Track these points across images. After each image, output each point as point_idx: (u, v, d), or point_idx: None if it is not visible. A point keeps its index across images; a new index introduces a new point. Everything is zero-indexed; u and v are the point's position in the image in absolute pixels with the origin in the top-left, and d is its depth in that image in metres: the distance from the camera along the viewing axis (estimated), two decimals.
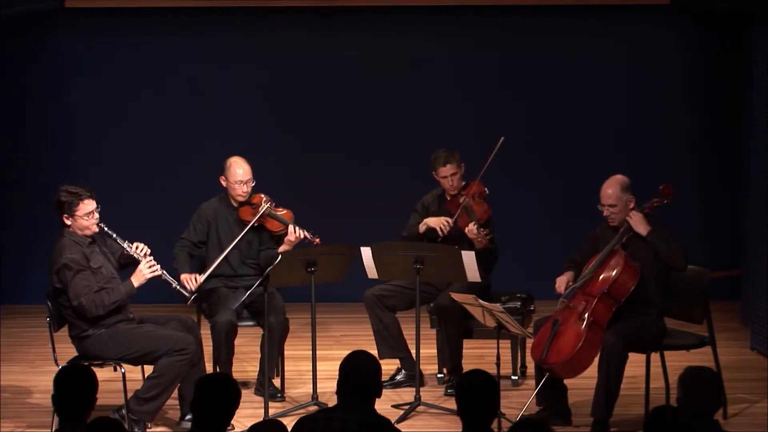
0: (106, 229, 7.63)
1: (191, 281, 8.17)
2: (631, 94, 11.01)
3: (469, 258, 7.98)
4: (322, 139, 10.95)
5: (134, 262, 7.73)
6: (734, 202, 10.53)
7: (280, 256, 7.83)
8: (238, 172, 8.39)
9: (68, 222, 7.56)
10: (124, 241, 7.69)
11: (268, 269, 7.77)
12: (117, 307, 7.56)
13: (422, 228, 8.53)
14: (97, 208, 7.59)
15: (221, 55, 10.95)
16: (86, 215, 7.54)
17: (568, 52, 10.99)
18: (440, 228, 8.46)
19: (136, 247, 7.69)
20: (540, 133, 11.02)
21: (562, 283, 7.81)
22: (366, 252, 8.10)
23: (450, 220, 8.45)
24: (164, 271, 7.71)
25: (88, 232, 7.58)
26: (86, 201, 7.55)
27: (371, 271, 8.16)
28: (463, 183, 8.58)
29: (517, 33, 10.99)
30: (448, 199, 8.59)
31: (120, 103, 10.97)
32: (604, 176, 7.83)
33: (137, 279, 7.61)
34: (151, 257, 7.68)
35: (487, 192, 8.56)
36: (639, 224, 7.65)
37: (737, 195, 10.35)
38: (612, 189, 7.71)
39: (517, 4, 10.90)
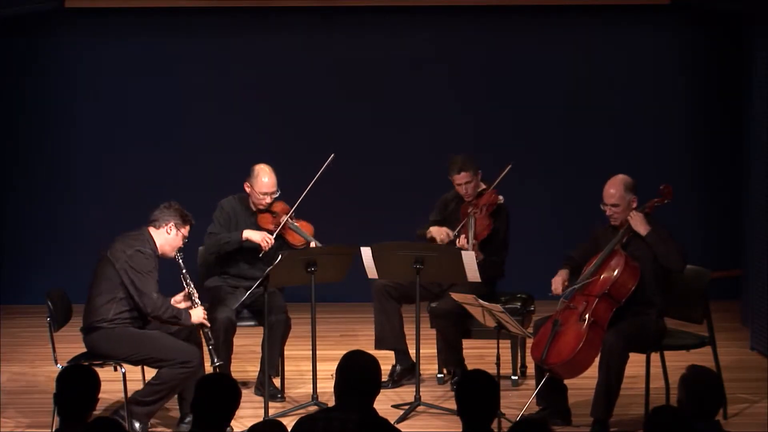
0: (181, 262, 7.72)
1: (270, 241, 8.23)
2: (631, 94, 11.02)
3: (469, 258, 7.98)
4: (321, 139, 10.93)
5: None
6: (734, 202, 10.53)
7: (280, 256, 7.83)
8: (264, 181, 8.34)
9: (169, 232, 7.65)
10: (191, 283, 7.75)
11: (268, 269, 7.77)
12: (139, 317, 7.61)
13: (428, 235, 8.55)
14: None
15: (221, 55, 10.96)
16: (184, 237, 7.71)
17: (568, 52, 10.99)
18: (440, 240, 8.48)
19: (195, 293, 7.76)
20: (540, 134, 11.02)
21: (558, 283, 7.80)
22: (366, 252, 8.10)
23: (450, 233, 8.45)
24: (209, 327, 7.77)
25: (169, 252, 7.68)
26: (190, 227, 7.74)
27: (371, 271, 8.16)
28: (482, 187, 8.54)
29: (517, 33, 11.00)
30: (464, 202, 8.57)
31: (120, 103, 10.97)
32: (604, 176, 7.83)
33: (195, 316, 7.67)
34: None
35: (501, 200, 8.51)
36: (639, 224, 7.65)
37: (737, 195, 10.35)
38: (615, 188, 7.70)
39: (517, 4, 10.90)
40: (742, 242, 10.10)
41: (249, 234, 8.30)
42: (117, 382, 7.65)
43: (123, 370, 7.54)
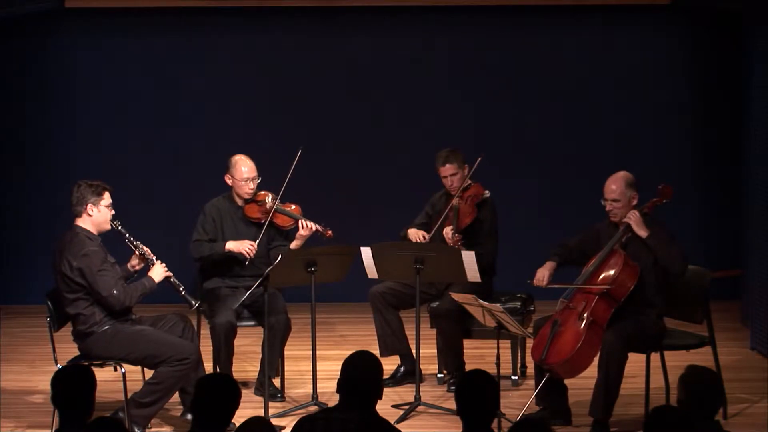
0: (120, 228, 7.67)
1: (251, 249, 8.25)
2: (631, 94, 11.02)
3: (469, 258, 7.98)
4: (321, 139, 10.95)
5: (130, 276, 7.80)
6: (734, 203, 10.52)
7: (280, 256, 7.82)
8: (244, 169, 8.40)
9: (91, 213, 7.56)
10: (139, 243, 7.73)
11: (268, 269, 7.77)
12: (125, 308, 7.60)
13: (403, 235, 8.61)
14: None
15: (221, 55, 10.96)
16: (109, 206, 7.61)
17: (568, 52, 10.99)
18: (416, 240, 8.53)
19: (147, 250, 7.73)
20: (540, 134, 11.02)
21: (543, 276, 7.77)
22: (366, 252, 8.10)
23: (426, 236, 8.50)
24: (173, 275, 7.77)
25: (105, 227, 7.62)
26: (108, 193, 7.62)
27: (371, 271, 8.16)
28: (468, 183, 8.56)
29: (517, 33, 11.00)
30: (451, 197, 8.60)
31: (120, 102, 10.97)
32: (604, 176, 7.82)
33: (157, 275, 7.67)
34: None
35: (487, 195, 8.53)
36: (638, 226, 7.63)
37: (737, 195, 10.35)
38: (616, 184, 7.71)
39: (517, 4, 10.91)
40: (742, 242, 10.10)
41: (231, 246, 8.33)
42: (117, 382, 7.65)
43: (123, 370, 7.54)
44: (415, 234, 8.58)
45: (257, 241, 8.33)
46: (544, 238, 10.64)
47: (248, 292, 8.01)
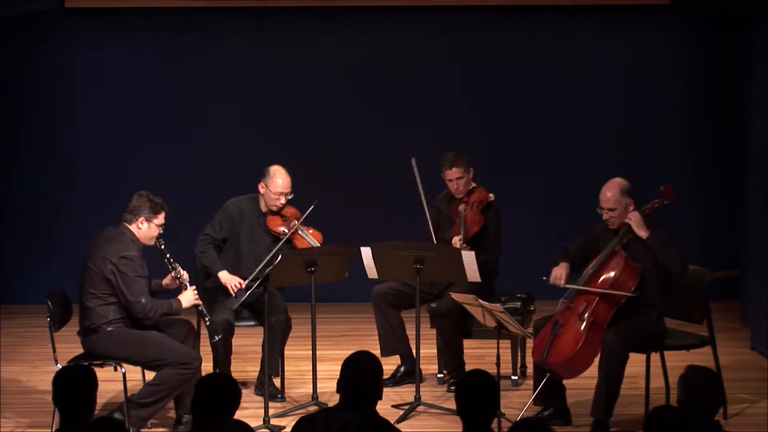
0: (162, 247, 7.69)
1: (237, 286, 8.21)
2: (631, 94, 11.02)
3: (469, 258, 7.98)
4: (321, 139, 10.95)
5: (159, 293, 7.82)
6: (734, 202, 10.52)
7: (280, 256, 7.82)
8: (279, 182, 8.31)
9: (141, 226, 7.63)
10: (177, 266, 7.74)
11: (268, 269, 7.76)
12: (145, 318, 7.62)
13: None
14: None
15: (221, 55, 10.95)
16: (160, 226, 7.69)
17: (568, 52, 10.99)
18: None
19: (184, 274, 7.75)
20: (540, 134, 11.02)
21: (560, 275, 7.76)
22: (366, 252, 8.10)
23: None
24: (203, 304, 7.79)
25: (148, 243, 7.67)
26: (164, 214, 7.70)
27: (371, 271, 8.16)
28: (473, 186, 8.56)
29: (518, 33, 11.00)
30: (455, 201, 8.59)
31: (120, 103, 10.97)
32: (604, 177, 7.82)
33: (186, 301, 7.69)
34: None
35: (491, 198, 8.52)
36: (638, 227, 7.63)
37: (737, 195, 10.35)
38: (611, 192, 7.69)
39: (517, 4, 10.90)
40: (742, 242, 10.10)
41: (222, 277, 8.28)
42: (117, 382, 7.65)
43: (123, 370, 7.54)
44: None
45: (272, 253, 8.24)
46: (545, 239, 10.69)
47: (248, 292, 8.01)
